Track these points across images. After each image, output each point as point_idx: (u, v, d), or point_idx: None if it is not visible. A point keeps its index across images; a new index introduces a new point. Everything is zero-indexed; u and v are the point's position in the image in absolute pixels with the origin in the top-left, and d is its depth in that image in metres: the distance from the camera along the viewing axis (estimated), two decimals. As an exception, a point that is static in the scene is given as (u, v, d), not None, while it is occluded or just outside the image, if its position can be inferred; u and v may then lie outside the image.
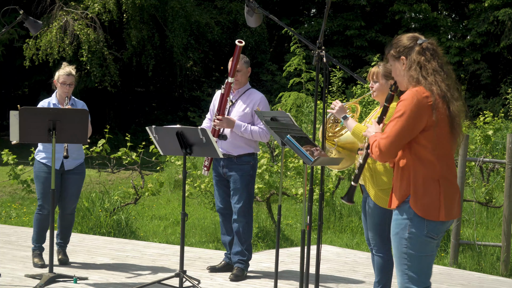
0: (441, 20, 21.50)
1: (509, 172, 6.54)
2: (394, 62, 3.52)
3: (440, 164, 3.37)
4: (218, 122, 5.57)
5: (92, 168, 8.73)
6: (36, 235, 5.91)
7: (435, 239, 3.40)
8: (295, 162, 8.13)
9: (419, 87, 3.36)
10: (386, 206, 4.51)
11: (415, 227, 3.35)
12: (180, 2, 19.07)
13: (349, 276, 5.94)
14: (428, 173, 3.35)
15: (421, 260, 3.38)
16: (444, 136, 3.38)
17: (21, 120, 5.16)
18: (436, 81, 3.35)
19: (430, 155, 3.35)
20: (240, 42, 5.44)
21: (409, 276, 3.39)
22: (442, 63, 3.43)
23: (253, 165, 5.71)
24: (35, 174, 5.90)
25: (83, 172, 6.00)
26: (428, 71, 3.37)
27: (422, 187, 3.34)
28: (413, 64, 3.41)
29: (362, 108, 12.87)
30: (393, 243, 3.47)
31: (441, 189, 3.35)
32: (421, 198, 3.34)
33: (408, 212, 3.37)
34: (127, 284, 5.41)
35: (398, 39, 3.55)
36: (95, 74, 17.63)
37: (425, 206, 3.34)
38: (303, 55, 16.36)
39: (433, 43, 3.48)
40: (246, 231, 5.69)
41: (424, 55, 3.42)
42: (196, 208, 9.51)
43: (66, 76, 5.79)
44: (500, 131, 12.41)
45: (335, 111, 4.60)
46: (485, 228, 8.53)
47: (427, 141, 3.35)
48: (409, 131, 3.32)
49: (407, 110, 3.31)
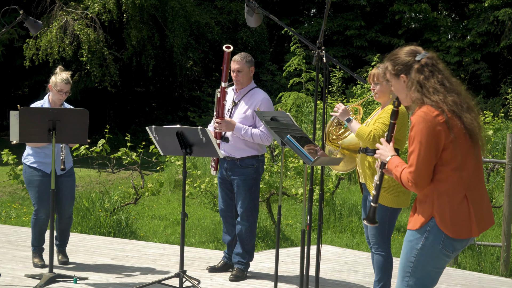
0: (441, 20, 21.50)
1: (509, 172, 6.54)
2: (394, 79, 3.39)
3: (464, 179, 3.24)
4: (218, 126, 5.55)
5: (92, 168, 8.74)
6: (35, 239, 5.91)
7: (449, 256, 3.28)
8: (295, 162, 8.13)
9: (426, 106, 3.23)
10: (387, 204, 4.52)
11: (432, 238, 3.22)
12: (180, 2, 19.06)
13: (349, 276, 5.94)
14: (454, 192, 3.22)
15: (426, 273, 3.27)
16: (466, 149, 3.26)
17: (21, 120, 5.16)
18: (441, 98, 3.23)
19: (452, 171, 3.22)
20: (227, 48, 5.40)
21: (409, 285, 3.28)
22: (443, 78, 3.28)
23: (257, 168, 5.63)
24: (27, 180, 5.81)
25: (73, 174, 5.97)
26: (429, 90, 3.24)
27: (448, 208, 3.21)
28: (414, 84, 3.28)
29: (362, 108, 12.86)
30: (404, 248, 3.34)
31: (470, 205, 3.23)
32: (449, 220, 3.20)
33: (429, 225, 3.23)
34: (127, 284, 5.41)
35: (395, 55, 3.39)
36: (95, 74, 17.63)
37: (456, 227, 3.20)
38: (303, 55, 16.36)
39: (432, 57, 3.32)
40: (248, 235, 5.67)
41: (422, 73, 3.27)
42: (196, 208, 9.51)
43: (64, 85, 5.69)
44: (500, 131, 12.41)
45: (339, 114, 4.62)
46: (485, 228, 8.52)
47: (450, 158, 3.22)
48: (433, 155, 3.20)
49: (423, 136, 3.18)
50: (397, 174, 3.31)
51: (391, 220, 4.62)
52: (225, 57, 5.43)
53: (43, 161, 5.74)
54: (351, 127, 4.57)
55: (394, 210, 4.60)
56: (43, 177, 5.73)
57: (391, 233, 4.67)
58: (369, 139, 4.48)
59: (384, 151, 3.43)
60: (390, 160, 3.38)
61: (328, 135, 4.86)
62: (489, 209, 3.35)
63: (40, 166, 5.75)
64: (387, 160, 3.40)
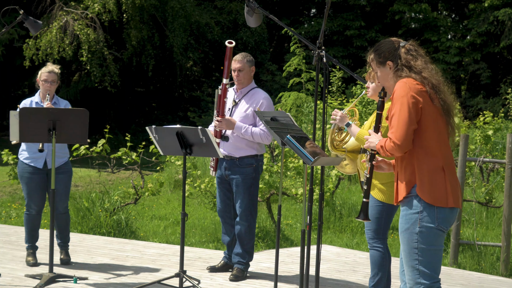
0: (441, 20, 21.50)
1: (509, 172, 6.54)
2: (379, 67, 3.56)
3: (441, 152, 3.41)
4: (218, 124, 5.55)
5: (92, 168, 8.74)
6: (27, 235, 5.95)
7: (445, 232, 3.42)
8: (295, 162, 8.13)
9: (408, 78, 3.42)
10: (383, 200, 4.54)
11: (426, 220, 3.35)
12: (180, 2, 19.07)
13: (349, 276, 5.95)
14: (433, 161, 3.38)
15: (432, 254, 3.39)
16: (443, 125, 3.43)
17: (21, 120, 5.17)
18: (428, 75, 3.42)
19: (434, 143, 3.39)
20: (230, 43, 5.41)
21: (420, 271, 3.38)
22: (426, 61, 3.49)
23: (256, 167, 5.64)
24: (19, 175, 5.90)
25: (68, 170, 5.92)
26: (418, 68, 3.43)
27: (427, 175, 3.37)
28: (401, 65, 3.46)
29: (362, 108, 12.87)
30: (403, 239, 3.45)
31: (446, 177, 3.38)
32: (428, 185, 3.36)
33: (417, 205, 3.37)
34: (127, 284, 5.41)
35: (379, 45, 3.59)
36: (95, 74, 17.63)
37: (433, 193, 3.35)
38: (303, 55, 16.36)
39: (413, 44, 3.54)
40: (248, 234, 5.67)
41: (410, 54, 3.48)
42: (196, 208, 9.51)
43: (48, 74, 5.79)
44: (500, 131, 12.42)
45: (338, 121, 4.65)
46: (485, 228, 8.53)
47: (429, 129, 3.38)
48: (412, 116, 3.34)
49: (403, 98, 3.35)
50: (382, 143, 3.45)
51: (387, 216, 4.62)
52: (227, 52, 5.43)
53: (35, 156, 5.76)
54: (351, 132, 4.60)
55: (391, 206, 4.61)
56: (33, 173, 5.77)
57: (388, 229, 4.67)
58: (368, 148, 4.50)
59: (372, 139, 3.57)
60: (371, 139, 3.56)
61: (332, 142, 4.88)
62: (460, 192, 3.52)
63: (32, 162, 5.78)
64: (375, 145, 3.53)
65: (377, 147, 3.50)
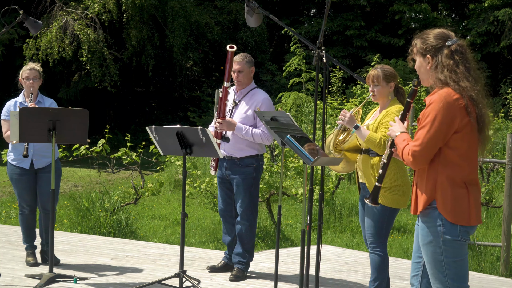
0: (441, 20, 21.50)
1: (509, 172, 6.54)
2: (419, 57, 3.38)
3: (468, 167, 3.28)
4: (219, 125, 5.55)
5: (92, 168, 8.74)
6: (24, 235, 5.99)
7: (467, 242, 3.34)
8: (295, 162, 8.13)
9: (447, 88, 3.24)
10: (386, 204, 4.53)
11: (449, 233, 3.25)
12: (180, 2, 19.07)
13: (349, 276, 5.95)
14: (455, 176, 3.26)
15: (458, 264, 3.30)
16: (474, 139, 3.29)
17: (21, 120, 5.17)
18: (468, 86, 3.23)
19: (458, 158, 3.25)
20: (231, 48, 5.41)
21: (449, 284, 3.30)
22: (470, 68, 3.29)
23: (257, 167, 5.64)
24: (9, 176, 5.93)
25: (57, 170, 5.82)
26: (459, 76, 3.24)
27: (450, 192, 3.24)
28: (440, 66, 3.28)
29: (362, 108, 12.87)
30: (426, 251, 3.34)
31: (470, 194, 3.26)
32: (450, 204, 3.24)
33: (438, 218, 3.26)
34: (127, 284, 5.41)
35: (427, 34, 3.36)
36: (95, 74, 17.63)
37: (454, 212, 3.24)
38: (303, 55, 16.37)
39: (462, 45, 3.31)
40: (248, 234, 5.67)
41: (452, 58, 3.27)
42: (196, 208, 9.50)
43: (29, 71, 5.80)
44: (500, 131, 12.42)
45: (346, 122, 4.60)
46: (485, 228, 8.53)
47: (458, 143, 3.25)
48: (442, 136, 3.22)
49: (438, 115, 3.20)
50: (401, 146, 3.35)
51: (389, 220, 4.62)
52: (228, 56, 5.43)
53: (21, 157, 5.75)
54: (360, 134, 4.55)
55: (393, 210, 4.61)
56: (21, 174, 5.80)
57: (388, 233, 4.67)
58: (379, 146, 4.48)
59: (396, 127, 3.48)
60: (398, 135, 3.44)
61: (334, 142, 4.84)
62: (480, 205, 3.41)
63: (19, 163, 5.80)
64: (396, 135, 3.43)
65: (396, 141, 3.41)
